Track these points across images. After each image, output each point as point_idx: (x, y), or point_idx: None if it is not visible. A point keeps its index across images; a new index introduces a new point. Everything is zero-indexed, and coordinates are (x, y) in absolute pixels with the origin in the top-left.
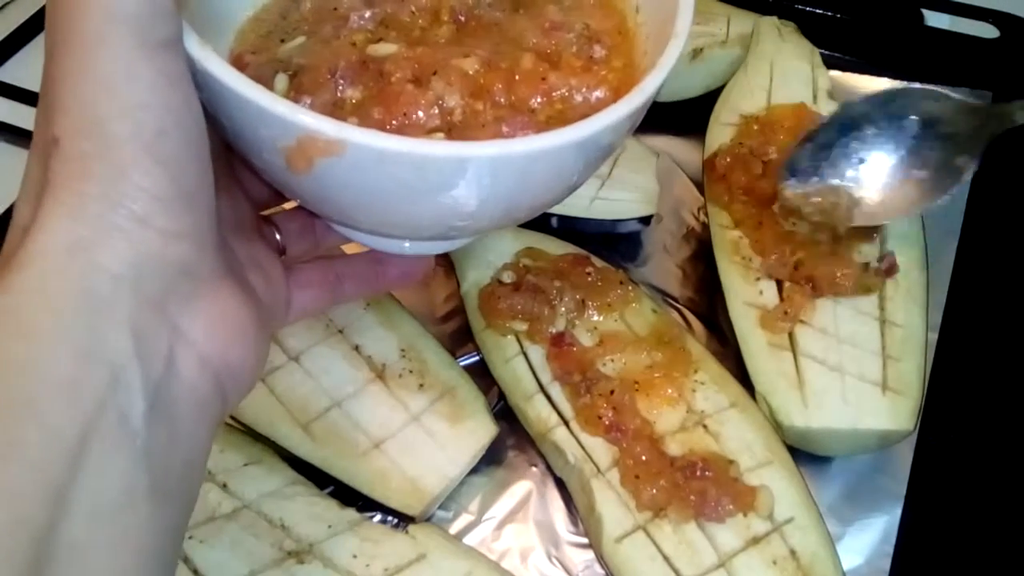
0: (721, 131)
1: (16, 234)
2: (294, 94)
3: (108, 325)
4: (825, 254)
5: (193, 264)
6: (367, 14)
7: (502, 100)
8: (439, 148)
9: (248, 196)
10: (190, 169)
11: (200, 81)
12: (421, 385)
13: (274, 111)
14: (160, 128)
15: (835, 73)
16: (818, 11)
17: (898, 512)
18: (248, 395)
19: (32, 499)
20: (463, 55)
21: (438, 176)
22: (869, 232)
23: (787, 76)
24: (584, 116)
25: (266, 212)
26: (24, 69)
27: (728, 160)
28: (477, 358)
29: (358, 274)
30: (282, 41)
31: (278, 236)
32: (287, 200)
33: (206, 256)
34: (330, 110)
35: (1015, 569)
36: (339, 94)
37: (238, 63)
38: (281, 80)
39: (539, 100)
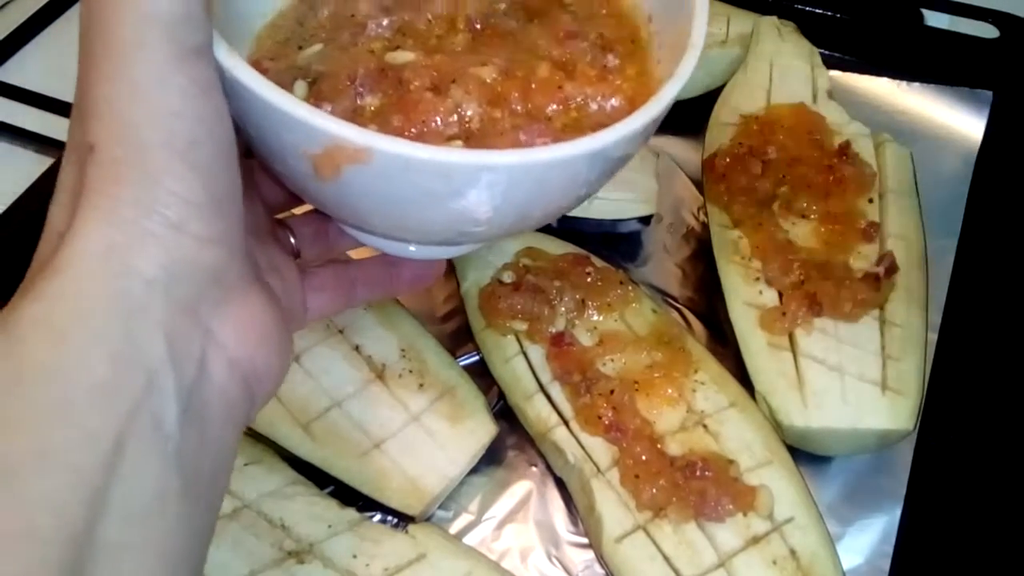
0: (721, 131)
1: (51, 239)
2: (314, 100)
3: (142, 329)
4: (824, 264)
5: (224, 269)
6: (384, 22)
7: (519, 108)
8: (464, 156)
9: (264, 200)
10: (222, 176)
11: (228, 88)
12: (421, 385)
13: (304, 119)
14: (192, 136)
15: (835, 73)
16: (818, 11)
17: (898, 512)
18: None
19: (71, 502)
20: (480, 63)
21: (460, 183)
22: (869, 232)
23: (787, 76)
24: (599, 124)
25: (280, 216)
26: (24, 69)
27: (728, 160)
28: (477, 358)
29: (371, 278)
30: (300, 48)
31: (292, 240)
32: (300, 203)
33: (235, 261)
34: (350, 117)
35: (1015, 569)
36: (358, 101)
37: (257, 69)
38: (300, 87)
39: (555, 108)
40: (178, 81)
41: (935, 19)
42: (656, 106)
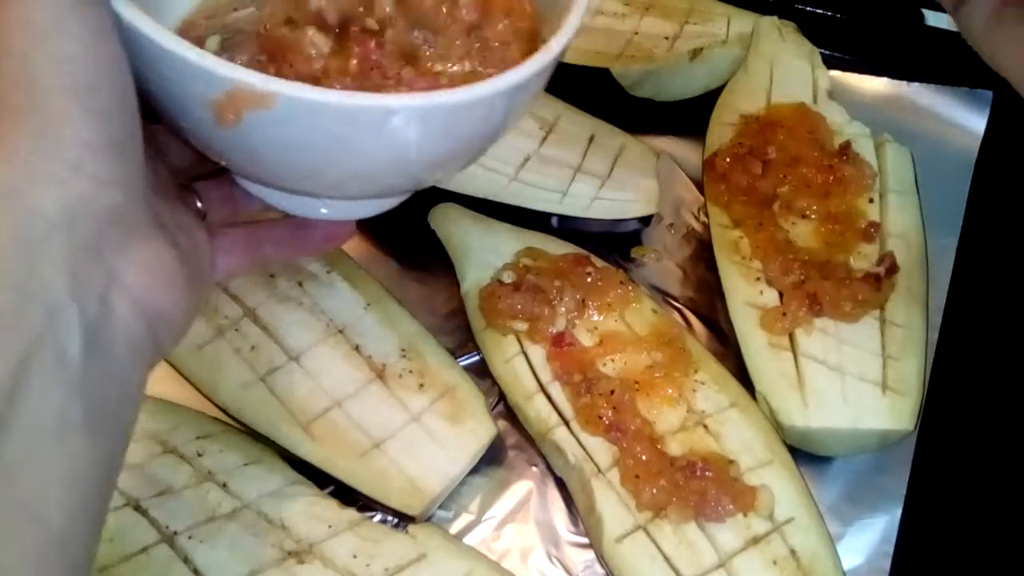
0: (721, 131)
1: None
2: (225, 55)
3: (44, 265)
4: (824, 264)
5: (124, 211)
6: None
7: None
8: (369, 99)
9: (171, 165)
10: (120, 121)
11: (128, 39)
12: (421, 385)
13: (202, 64)
14: (90, 81)
15: (835, 73)
16: (818, 11)
17: (898, 512)
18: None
19: None
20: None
21: (366, 128)
22: (869, 232)
23: (787, 76)
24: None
25: (190, 181)
26: None
27: (728, 160)
28: (477, 358)
29: (281, 238)
30: (235, 9)
31: (199, 204)
32: (208, 169)
33: (135, 205)
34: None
35: (1015, 569)
36: (257, 57)
37: (188, 26)
38: (213, 41)
39: (456, 69)
40: (74, 27)
41: (935, 19)
42: (547, 54)
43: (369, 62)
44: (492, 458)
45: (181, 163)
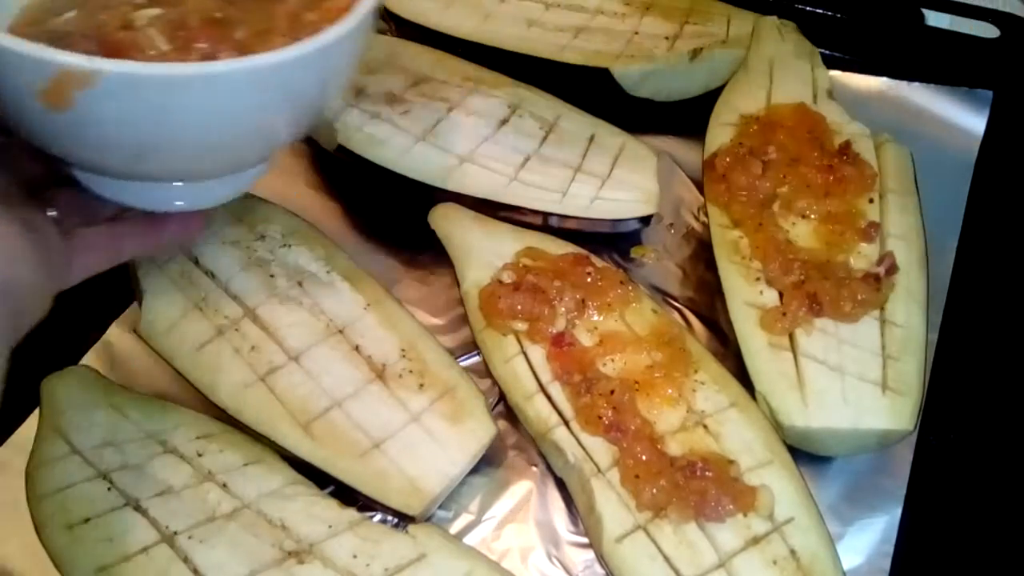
0: (721, 131)
1: None
2: None
3: None
4: (824, 264)
5: None
6: None
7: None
8: (191, 67)
9: (14, 174)
10: None
11: None
12: (421, 385)
13: (27, 52)
14: None
15: (835, 73)
16: (818, 11)
17: (898, 512)
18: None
19: None
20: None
21: (191, 97)
22: (869, 232)
23: (787, 76)
24: None
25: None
26: None
27: (728, 160)
28: (477, 358)
29: (136, 232)
30: (57, 15)
31: (51, 212)
32: (58, 182)
33: None
34: None
35: (1015, 569)
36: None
37: (12, 33)
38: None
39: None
40: None
41: (935, 19)
42: (359, 12)
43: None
44: (492, 458)
45: (28, 173)
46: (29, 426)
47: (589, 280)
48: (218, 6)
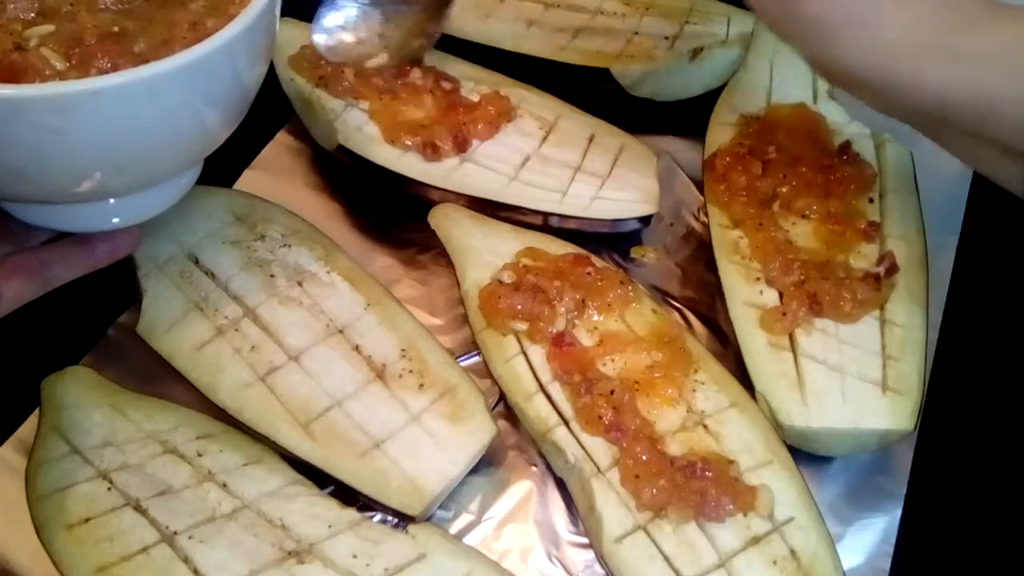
0: (721, 131)
1: None
2: None
3: None
4: (824, 264)
5: None
6: (24, 3)
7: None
8: (71, 85)
9: None
10: None
11: None
12: (421, 385)
13: None
14: None
15: None
16: None
17: (898, 512)
18: (247, 395)
19: None
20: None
21: (78, 115)
22: (869, 232)
23: (787, 76)
24: None
25: None
26: None
27: (728, 160)
28: (477, 358)
29: (65, 256)
30: None
31: None
32: None
33: None
34: None
35: (1015, 569)
36: None
37: None
38: None
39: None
40: None
41: None
42: (250, 12)
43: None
44: (492, 458)
45: None
46: (29, 426)
47: (589, 280)
48: (114, 19)
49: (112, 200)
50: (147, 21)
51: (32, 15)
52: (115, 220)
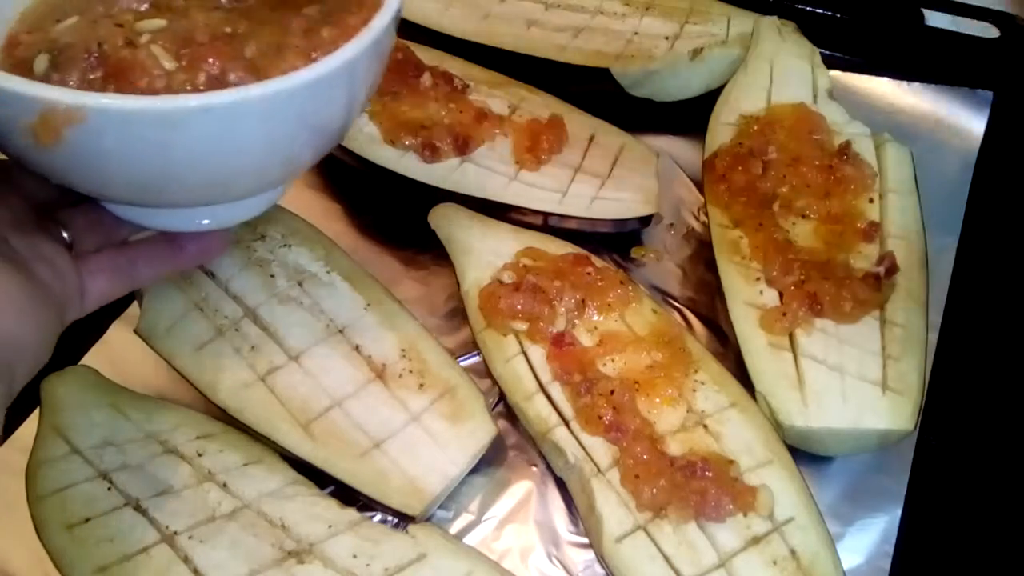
0: (721, 131)
1: None
2: (56, 75)
3: None
4: (824, 264)
5: None
6: None
7: (247, 73)
8: (185, 100)
9: (28, 197)
10: None
11: None
12: (421, 385)
13: (8, 88)
14: None
15: (835, 73)
16: (818, 11)
17: (898, 512)
18: (247, 395)
19: None
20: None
21: (186, 130)
22: (869, 232)
23: (787, 76)
24: None
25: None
26: None
27: (728, 160)
28: (477, 358)
29: (152, 255)
30: (57, 21)
31: (65, 234)
32: (73, 198)
33: None
34: (84, 87)
35: (1015, 569)
36: (90, 75)
37: (12, 43)
38: (42, 61)
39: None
40: None
41: (936, 19)
42: (374, 29)
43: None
44: (492, 458)
45: (41, 194)
46: (29, 426)
47: (589, 280)
48: (226, 18)
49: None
50: (259, 23)
51: (145, 6)
52: (205, 222)
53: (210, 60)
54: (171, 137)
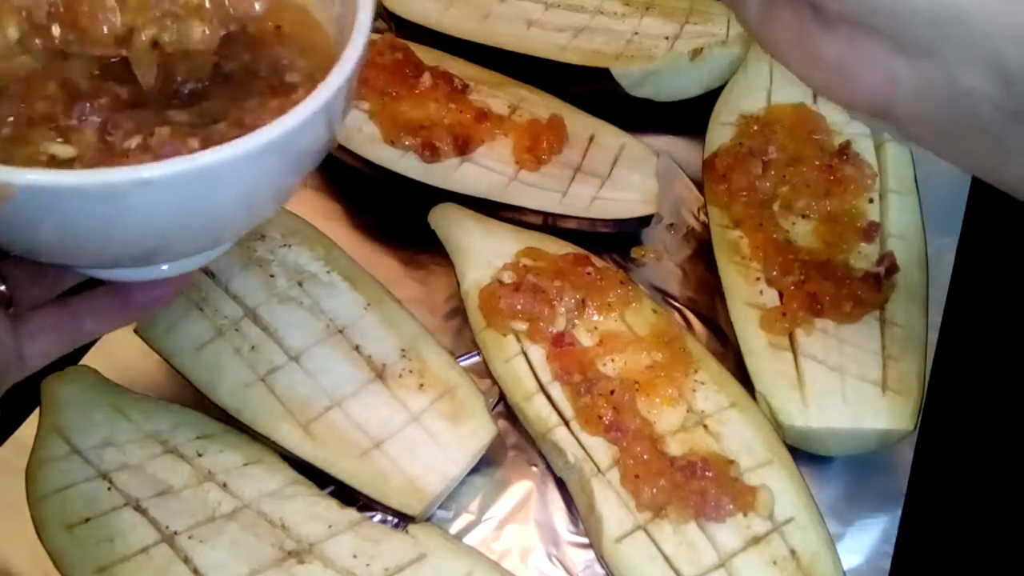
0: (721, 131)
1: None
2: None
3: None
4: (824, 264)
5: None
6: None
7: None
8: (116, 173)
9: None
10: None
11: None
12: (421, 385)
13: None
14: None
15: None
16: None
17: (898, 512)
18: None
19: None
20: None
21: (127, 202)
22: (869, 232)
23: (787, 76)
24: None
25: None
26: None
27: (728, 160)
28: (477, 358)
29: (99, 308)
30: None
31: (3, 288)
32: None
33: None
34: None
35: (1015, 569)
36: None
37: None
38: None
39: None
40: None
41: None
42: (322, 94)
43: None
44: (492, 458)
45: None
46: (29, 426)
47: (589, 280)
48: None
49: None
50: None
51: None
52: (164, 268)
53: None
54: (111, 210)
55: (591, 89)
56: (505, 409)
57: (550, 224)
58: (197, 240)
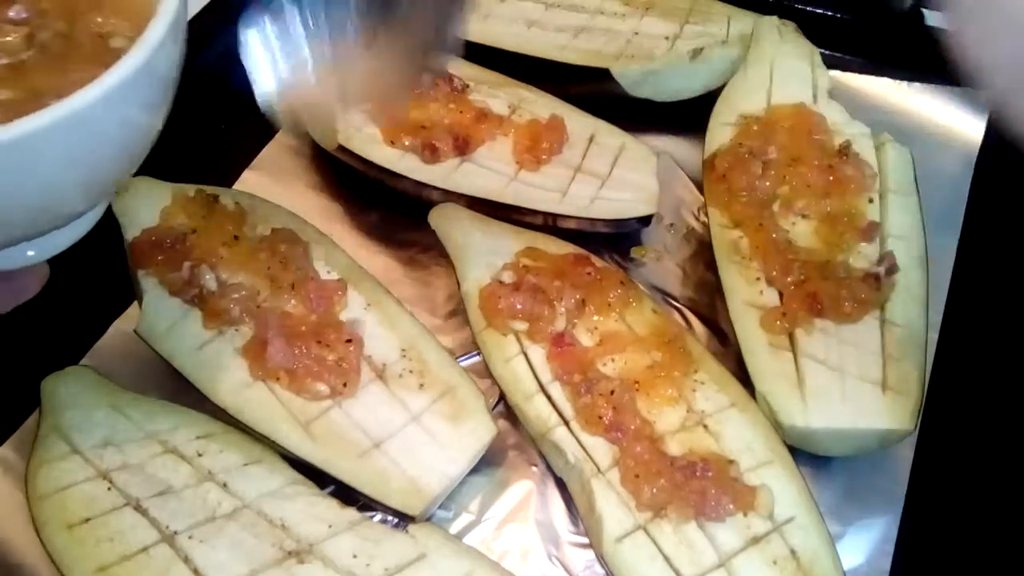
0: (721, 131)
1: None
2: None
3: None
4: (824, 264)
5: None
6: None
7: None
8: None
9: None
10: None
11: None
12: (421, 385)
13: None
14: None
15: (835, 73)
16: (818, 11)
17: (898, 512)
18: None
19: None
20: None
21: None
22: (869, 232)
23: (787, 76)
24: None
25: None
26: None
27: (728, 160)
28: (477, 358)
29: None
30: None
31: None
32: None
33: None
34: None
35: (1015, 569)
36: None
37: None
38: None
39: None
40: None
41: (935, 19)
42: (116, 72)
43: None
44: (492, 458)
45: None
46: (29, 426)
47: (589, 280)
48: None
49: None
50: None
51: None
52: (30, 254)
53: None
54: None
55: (591, 89)
56: (505, 409)
57: (550, 224)
58: (31, 216)
